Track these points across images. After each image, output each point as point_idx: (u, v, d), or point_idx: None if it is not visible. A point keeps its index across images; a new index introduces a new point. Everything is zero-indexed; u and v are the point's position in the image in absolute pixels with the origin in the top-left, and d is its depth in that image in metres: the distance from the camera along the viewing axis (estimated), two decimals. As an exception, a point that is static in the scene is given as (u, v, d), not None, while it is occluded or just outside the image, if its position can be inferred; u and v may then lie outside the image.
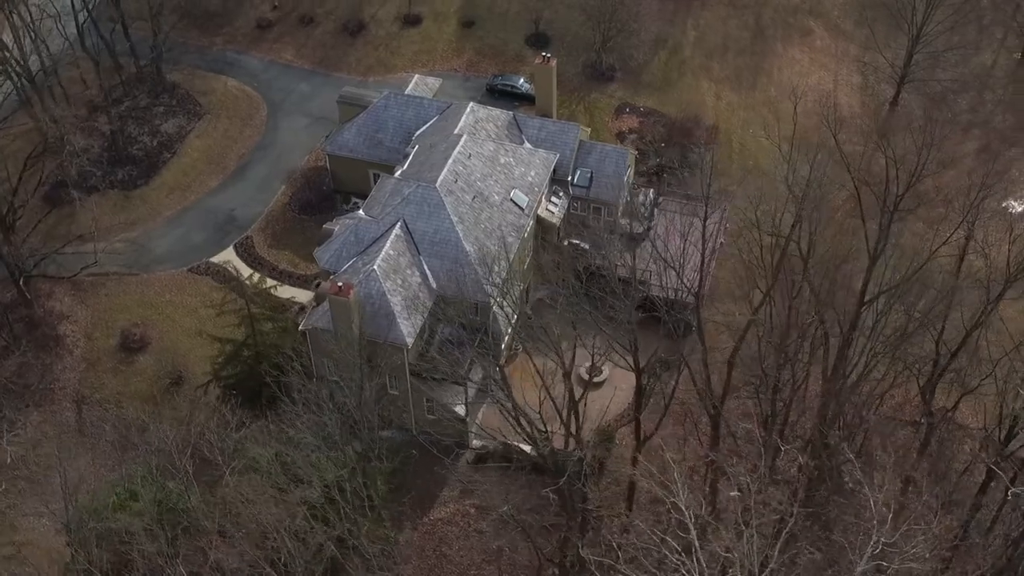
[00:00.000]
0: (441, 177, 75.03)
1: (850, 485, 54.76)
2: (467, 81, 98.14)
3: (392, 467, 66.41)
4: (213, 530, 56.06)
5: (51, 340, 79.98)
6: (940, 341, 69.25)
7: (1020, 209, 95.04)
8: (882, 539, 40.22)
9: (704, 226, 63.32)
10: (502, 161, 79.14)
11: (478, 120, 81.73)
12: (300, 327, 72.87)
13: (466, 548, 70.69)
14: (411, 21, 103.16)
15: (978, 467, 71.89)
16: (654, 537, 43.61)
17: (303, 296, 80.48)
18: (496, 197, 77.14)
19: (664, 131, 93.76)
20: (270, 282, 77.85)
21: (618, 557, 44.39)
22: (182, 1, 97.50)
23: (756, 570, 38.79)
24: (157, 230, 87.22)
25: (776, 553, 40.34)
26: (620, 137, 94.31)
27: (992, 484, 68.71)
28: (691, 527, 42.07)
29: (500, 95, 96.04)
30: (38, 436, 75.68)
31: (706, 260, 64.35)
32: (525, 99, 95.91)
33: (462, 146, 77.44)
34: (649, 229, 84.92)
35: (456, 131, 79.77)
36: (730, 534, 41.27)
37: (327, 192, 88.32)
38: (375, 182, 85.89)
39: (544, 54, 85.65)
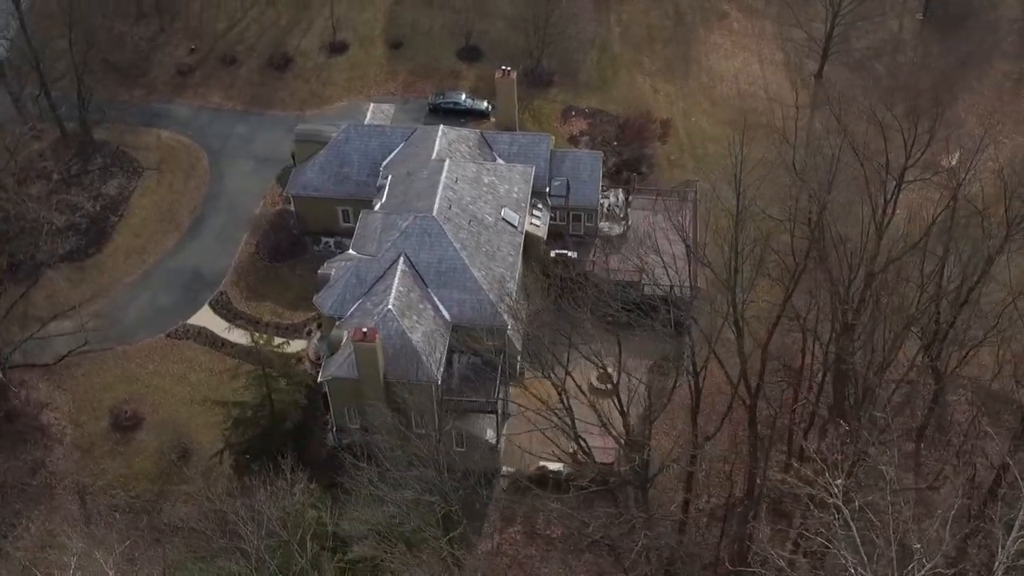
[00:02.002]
0: (436, 205, 73.28)
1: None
2: (407, 103, 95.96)
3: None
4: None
5: (36, 431, 74.65)
6: (940, 300, 71.46)
7: (954, 163, 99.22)
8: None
9: (736, 221, 63.43)
10: (486, 181, 77.85)
11: (451, 142, 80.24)
12: (319, 378, 70.02)
13: (523, 577, 69.42)
14: (337, 49, 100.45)
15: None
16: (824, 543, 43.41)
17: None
18: (489, 218, 75.85)
19: (616, 130, 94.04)
20: (278, 339, 74.27)
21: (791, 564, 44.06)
22: (103, 55, 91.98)
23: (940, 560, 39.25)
24: (121, 298, 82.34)
25: (947, 535, 40.90)
26: (573, 140, 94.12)
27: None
28: (852, 524, 42.19)
29: (445, 113, 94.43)
30: (44, 535, 70.55)
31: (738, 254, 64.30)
32: (470, 114, 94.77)
33: (448, 171, 75.85)
34: (628, 229, 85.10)
35: (434, 156, 78.07)
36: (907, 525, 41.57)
37: (296, 235, 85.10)
38: (344, 219, 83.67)
39: (504, 67, 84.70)
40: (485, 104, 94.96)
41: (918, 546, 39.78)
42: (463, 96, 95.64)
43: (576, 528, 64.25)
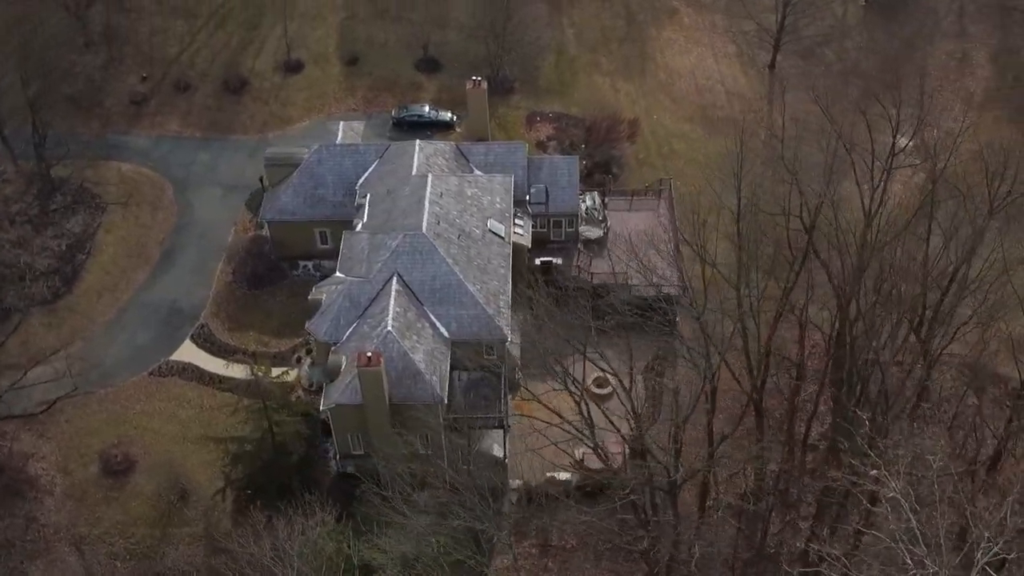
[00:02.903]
0: (424, 222, 72.26)
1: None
2: (370, 119, 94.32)
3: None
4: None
5: (23, 484, 71.77)
6: (927, 283, 72.44)
7: (907, 143, 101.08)
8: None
9: (738, 220, 63.61)
10: (469, 193, 77.01)
11: (428, 156, 79.25)
12: (322, 407, 68.45)
13: (544, 591, 68.73)
14: (292, 68, 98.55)
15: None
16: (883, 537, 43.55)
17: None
18: (477, 231, 75.03)
19: (583, 132, 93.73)
20: (276, 370, 72.39)
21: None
22: (57, 88, 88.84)
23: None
24: (98, 339, 79.58)
25: (1009, 516, 41.30)
26: (541, 146, 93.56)
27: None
28: (911, 516, 42.36)
29: (409, 127, 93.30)
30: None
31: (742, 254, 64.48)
32: (435, 126, 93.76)
33: (431, 186, 74.84)
34: (608, 232, 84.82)
35: (415, 172, 77.02)
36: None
37: (273, 261, 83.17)
38: (322, 242, 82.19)
39: (475, 78, 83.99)
40: (449, 115, 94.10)
41: (987, 533, 40.05)
42: (426, 108, 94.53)
43: (604, 538, 63.54)
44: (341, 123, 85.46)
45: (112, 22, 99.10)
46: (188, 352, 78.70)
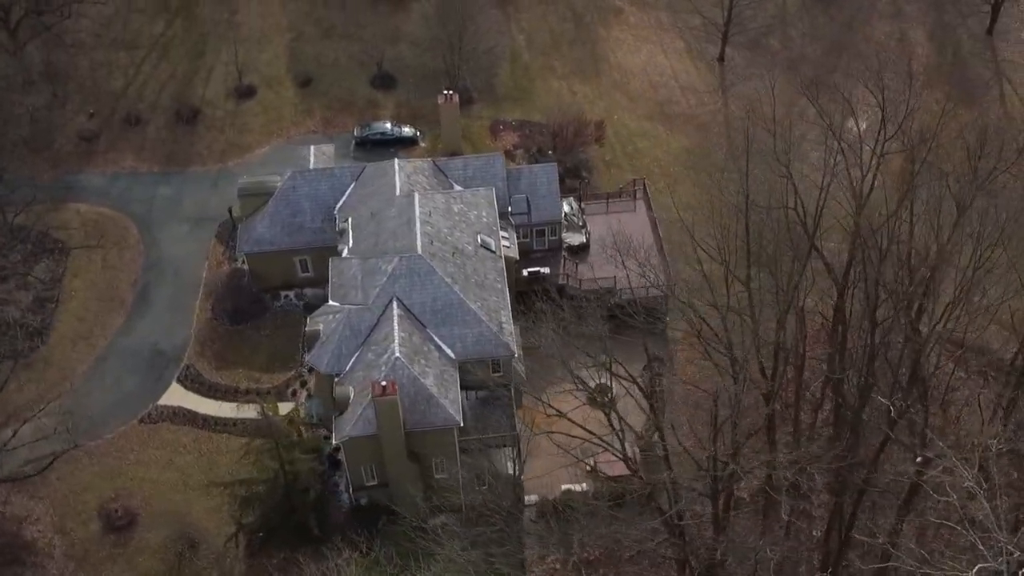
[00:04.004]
0: (419, 242, 70.84)
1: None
2: (332, 140, 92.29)
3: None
4: None
5: (20, 550, 68.37)
6: (910, 262, 73.39)
7: (864, 126, 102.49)
8: None
9: (747, 220, 63.53)
10: (456, 209, 75.76)
11: (409, 175, 77.75)
12: (335, 440, 66.54)
13: (575, 606, 67.84)
14: (245, 93, 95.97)
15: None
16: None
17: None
18: (469, 247, 73.82)
19: (549, 138, 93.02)
20: (285, 406, 70.19)
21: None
22: (7, 130, 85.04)
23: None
24: (80, 390, 76.17)
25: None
26: (509, 155, 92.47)
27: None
28: (983, 500, 42.72)
29: (373, 145, 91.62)
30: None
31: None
32: (399, 143, 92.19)
33: (420, 205, 73.43)
34: (589, 237, 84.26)
35: (399, 192, 75.48)
36: None
37: (254, 293, 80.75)
38: (303, 270, 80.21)
39: (446, 91, 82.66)
40: (412, 131, 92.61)
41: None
42: (388, 125, 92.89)
43: (638, 547, 62.99)
44: (312, 147, 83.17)
45: (52, 59, 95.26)
46: (177, 395, 75.94)
